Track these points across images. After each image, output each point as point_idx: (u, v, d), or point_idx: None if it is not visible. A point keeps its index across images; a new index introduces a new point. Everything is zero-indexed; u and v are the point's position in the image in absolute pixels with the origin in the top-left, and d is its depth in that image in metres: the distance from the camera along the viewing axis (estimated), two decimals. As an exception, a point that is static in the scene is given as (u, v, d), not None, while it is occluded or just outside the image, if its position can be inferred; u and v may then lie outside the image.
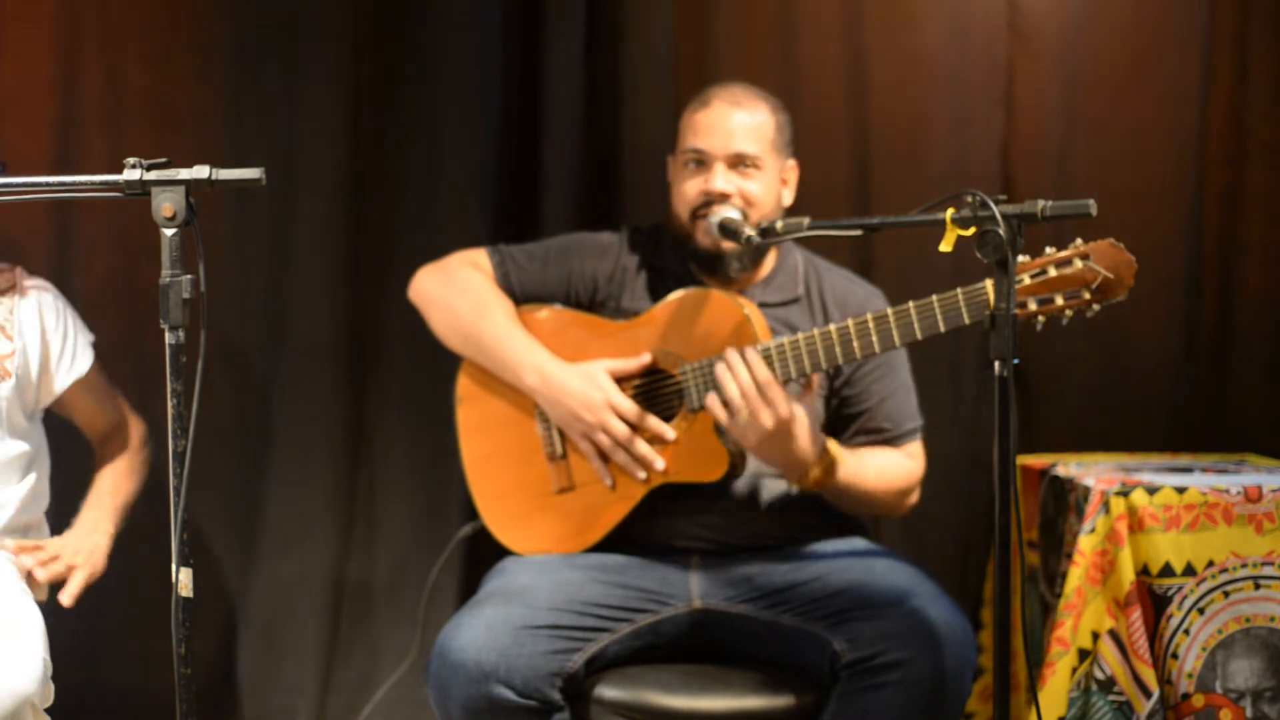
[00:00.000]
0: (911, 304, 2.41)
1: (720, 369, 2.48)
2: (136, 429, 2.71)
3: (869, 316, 2.45)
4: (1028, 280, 2.30)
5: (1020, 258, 2.30)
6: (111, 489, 2.63)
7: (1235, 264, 3.27)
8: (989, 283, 2.34)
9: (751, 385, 2.45)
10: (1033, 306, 2.30)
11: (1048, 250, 2.31)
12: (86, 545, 2.48)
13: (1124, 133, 3.25)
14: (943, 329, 2.40)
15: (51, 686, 2.22)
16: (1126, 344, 3.25)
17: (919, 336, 2.42)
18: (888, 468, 2.67)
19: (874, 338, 2.44)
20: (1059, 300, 2.29)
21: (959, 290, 2.37)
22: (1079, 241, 2.29)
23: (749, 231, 2.50)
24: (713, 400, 2.49)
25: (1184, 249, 3.23)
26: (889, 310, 2.43)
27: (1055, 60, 3.22)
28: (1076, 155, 3.24)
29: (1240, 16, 3.22)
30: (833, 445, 2.58)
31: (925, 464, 2.76)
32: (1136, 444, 3.18)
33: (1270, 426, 3.22)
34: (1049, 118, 3.24)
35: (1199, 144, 3.23)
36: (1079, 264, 2.27)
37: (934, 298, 2.39)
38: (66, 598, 2.39)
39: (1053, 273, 2.29)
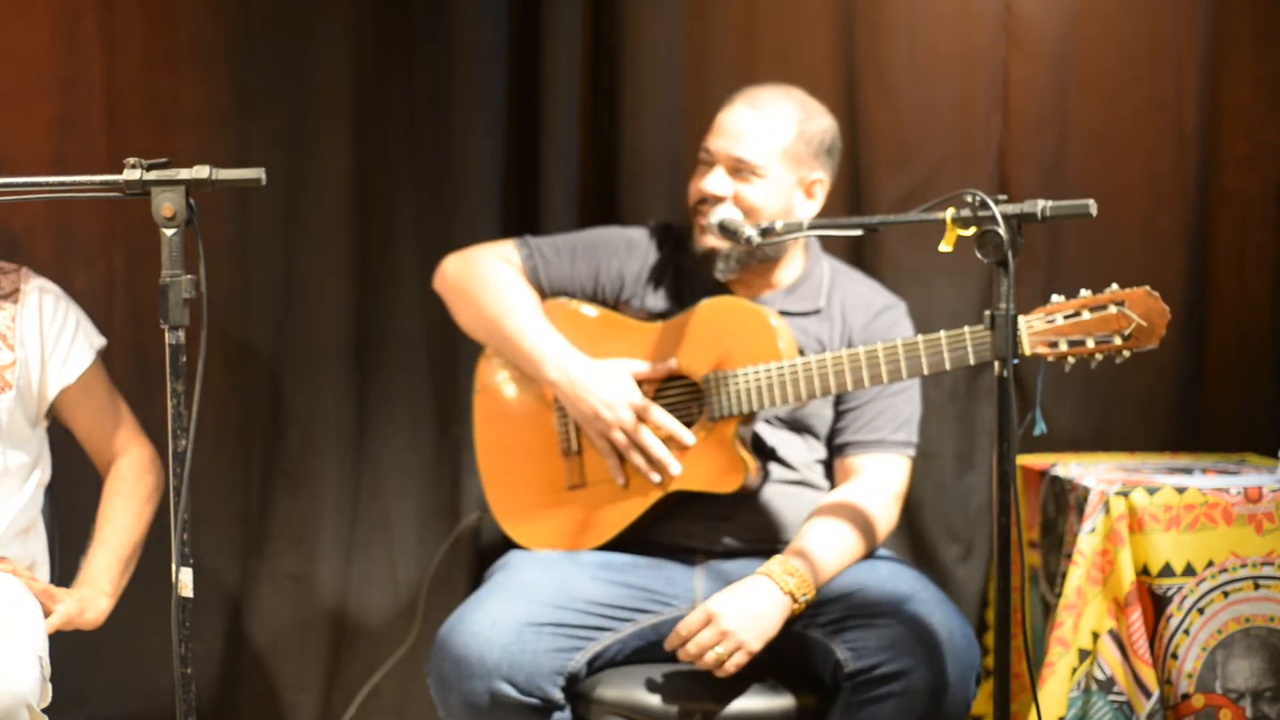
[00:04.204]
0: (920, 338, 2.42)
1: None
2: (140, 454, 2.58)
3: (899, 343, 2.44)
4: (1061, 321, 2.30)
5: (1055, 298, 2.32)
6: (116, 541, 2.49)
7: (1234, 265, 3.27)
8: (968, 329, 2.36)
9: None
10: (1064, 347, 2.30)
11: (1083, 292, 2.31)
12: (86, 595, 2.42)
13: (1118, 134, 3.24)
14: (949, 367, 2.40)
15: (49, 687, 2.21)
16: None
17: (925, 372, 2.42)
18: (855, 539, 2.55)
19: (902, 365, 2.43)
20: (1090, 343, 2.29)
21: (966, 329, 2.37)
22: (1114, 286, 2.29)
23: (748, 231, 2.50)
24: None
25: (1181, 250, 3.23)
26: (920, 339, 2.42)
27: (1049, 61, 3.22)
28: (1070, 156, 3.24)
29: (1237, 18, 3.22)
30: (802, 568, 2.45)
31: (911, 480, 2.72)
32: (1133, 445, 3.18)
33: (1266, 427, 3.24)
34: (1043, 119, 3.23)
35: (1200, 145, 3.22)
36: (1113, 309, 2.28)
37: (942, 334, 2.39)
38: (46, 627, 2.32)
39: (1086, 316, 2.29)
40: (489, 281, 2.72)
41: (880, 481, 2.64)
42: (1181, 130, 3.22)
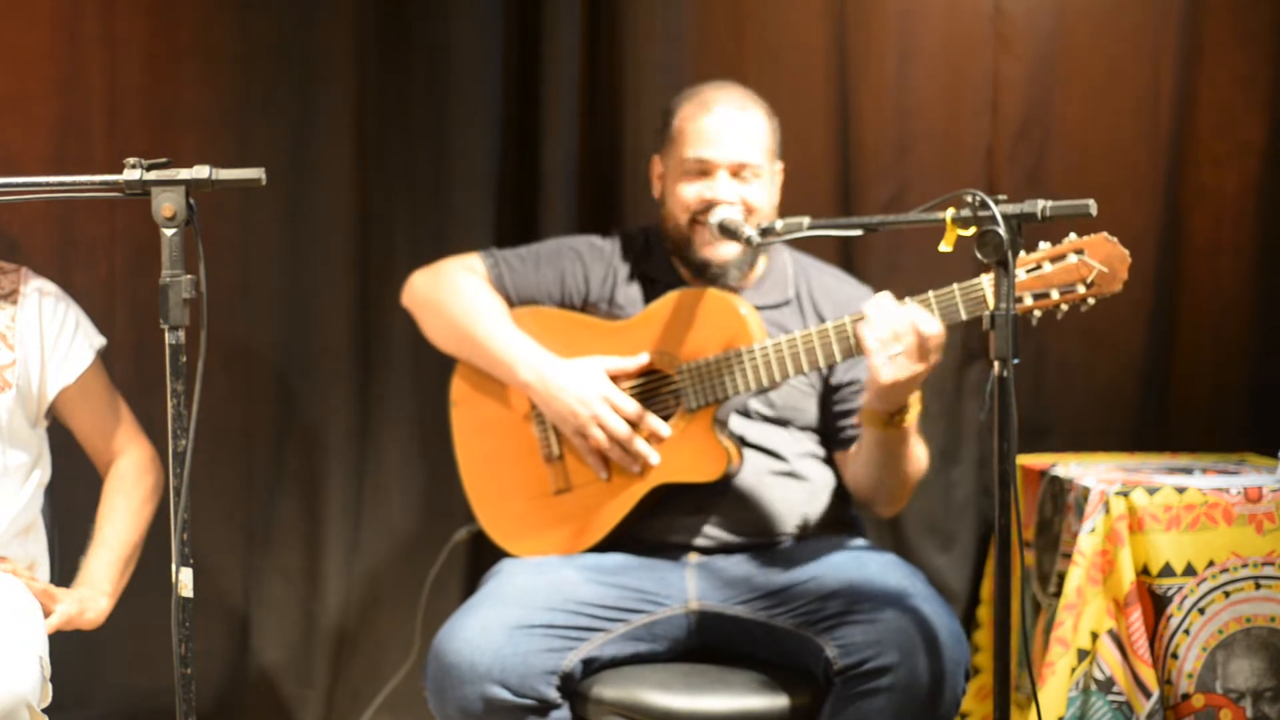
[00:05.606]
0: (908, 300, 2.41)
1: (902, 314, 2.37)
2: (140, 454, 2.57)
3: (847, 320, 2.44)
4: (1023, 276, 2.30)
5: None
6: (116, 541, 2.48)
7: (1208, 262, 3.29)
8: (985, 278, 2.35)
9: (920, 339, 2.36)
10: (1029, 302, 2.30)
11: (1042, 245, 2.31)
12: (85, 595, 2.41)
13: (1100, 133, 3.26)
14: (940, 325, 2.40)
15: (49, 687, 2.21)
16: (1096, 342, 3.27)
17: None
18: (921, 445, 2.65)
19: (852, 341, 2.44)
20: (1054, 295, 2.29)
21: (955, 286, 2.37)
22: (1073, 236, 2.30)
23: (749, 232, 2.50)
24: (870, 335, 2.38)
25: (1155, 248, 3.24)
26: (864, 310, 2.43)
27: (1037, 62, 3.24)
28: (1053, 155, 3.26)
29: (1216, 18, 3.23)
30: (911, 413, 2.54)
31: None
32: (1104, 441, 3.20)
33: (1238, 423, 3.27)
34: (1029, 119, 3.25)
35: (1177, 144, 3.24)
36: (1073, 259, 2.28)
37: (930, 294, 2.39)
38: (46, 627, 2.31)
39: (1048, 268, 2.29)
40: (457, 292, 2.73)
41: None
42: (1159, 128, 3.24)
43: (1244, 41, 3.23)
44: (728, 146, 2.65)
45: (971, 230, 2.11)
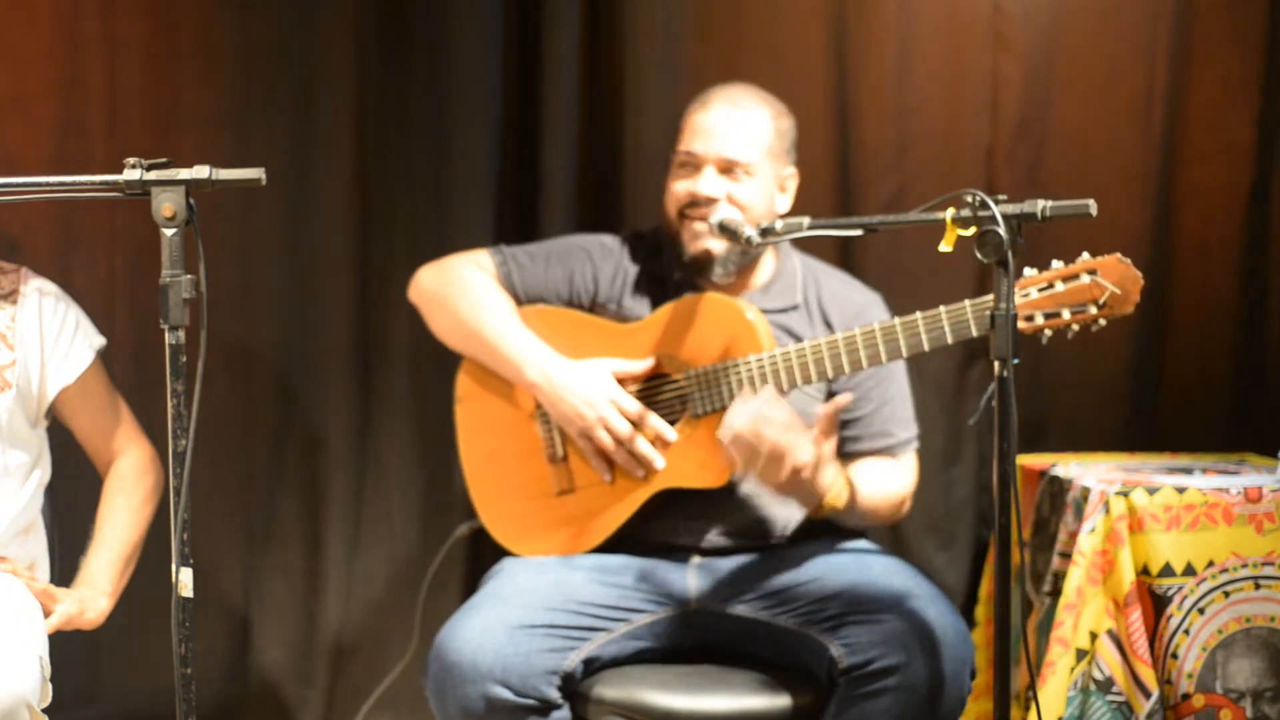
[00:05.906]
0: (919, 315, 2.41)
1: (737, 416, 2.41)
2: (140, 454, 2.57)
3: (875, 327, 2.43)
4: (1035, 294, 2.29)
5: (1028, 271, 2.31)
6: (116, 541, 2.48)
7: (1198, 260, 3.29)
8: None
9: (770, 435, 2.38)
10: (1040, 320, 2.29)
11: (1055, 264, 2.31)
12: (85, 595, 2.41)
13: (1097, 133, 3.27)
14: (950, 341, 2.39)
15: (50, 687, 2.21)
16: (1090, 341, 3.26)
17: (926, 348, 2.41)
18: (889, 485, 2.66)
19: (881, 348, 2.43)
20: (1066, 314, 2.28)
21: (967, 302, 2.37)
22: (1086, 255, 2.29)
23: (749, 231, 2.49)
24: (729, 442, 2.42)
25: (1148, 247, 3.24)
26: (896, 321, 2.42)
27: (1036, 62, 3.24)
28: (1051, 155, 3.27)
29: (1207, 19, 3.24)
30: (846, 473, 2.54)
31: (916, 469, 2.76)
32: (1094, 439, 3.20)
33: (1225, 422, 3.27)
34: (1028, 118, 3.26)
35: (1169, 142, 3.25)
36: (1086, 279, 2.27)
37: (942, 309, 2.38)
38: (46, 627, 2.32)
39: (1060, 287, 2.28)
40: (465, 289, 2.72)
41: (902, 476, 2.71)
42: (1152, 127, 3.25)
43: (1236, 42, 3.23)
44: (717, 141, 2.64)
45: (971, 230, 2.10)
